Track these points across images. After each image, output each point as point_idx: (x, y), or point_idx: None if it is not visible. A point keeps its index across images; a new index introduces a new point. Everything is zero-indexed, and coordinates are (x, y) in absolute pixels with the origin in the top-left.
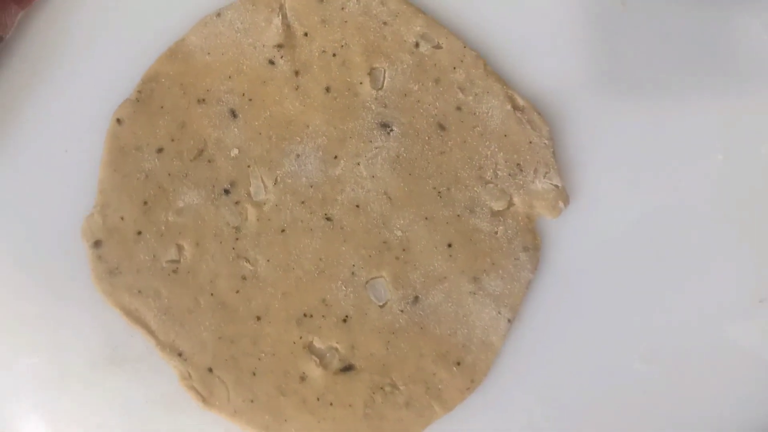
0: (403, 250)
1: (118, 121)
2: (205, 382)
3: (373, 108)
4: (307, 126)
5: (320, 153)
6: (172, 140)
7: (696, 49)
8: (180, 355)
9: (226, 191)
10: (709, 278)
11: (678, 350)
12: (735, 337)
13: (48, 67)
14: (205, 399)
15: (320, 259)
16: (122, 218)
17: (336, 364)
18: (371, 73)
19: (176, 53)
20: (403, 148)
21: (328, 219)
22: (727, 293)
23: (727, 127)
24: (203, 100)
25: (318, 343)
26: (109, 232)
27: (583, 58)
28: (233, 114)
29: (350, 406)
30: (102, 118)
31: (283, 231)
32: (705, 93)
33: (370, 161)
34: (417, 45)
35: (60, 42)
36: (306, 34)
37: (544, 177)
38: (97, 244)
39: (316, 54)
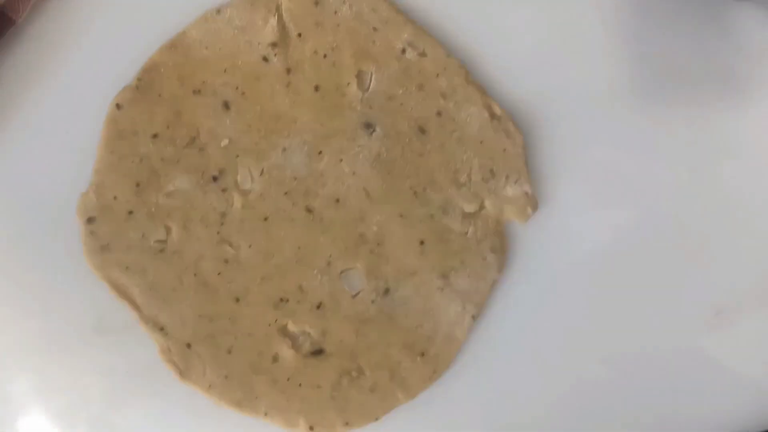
0: (378, 244)
1: (118, 106)
2: (184, 356)
3: (359, 108)
4: (295, 122)
5: (306, 148)
6: (167, 127)
7: (668, 65)
8: (162, 329)
9: (215, 178)
10: (667, 289)
11: (635, 355)
12: (691, 346)
13: (56, 51)
14: (183, 372)
15: (299, 248)
16: (115, 198)
17: (307, 347)
18: (359, 75)
19: (176, 45)
20: (384, 148)
21: (309, 210)
22: (685, 304)
23: (694, 145)
24: (199, 91)
25: (292, 327)
26: (102, 210)
27: (559, 72)
28: (226, 106)
29: (318, 387)
30: (102, 103)
31: (266, 219)
32: (674, 109)
33: (352, 158)
34: (404, 51)
35: (69, 28)
36: (300, 35)
37: (515, 183)
38: (90, 220)
39: (308, 54)
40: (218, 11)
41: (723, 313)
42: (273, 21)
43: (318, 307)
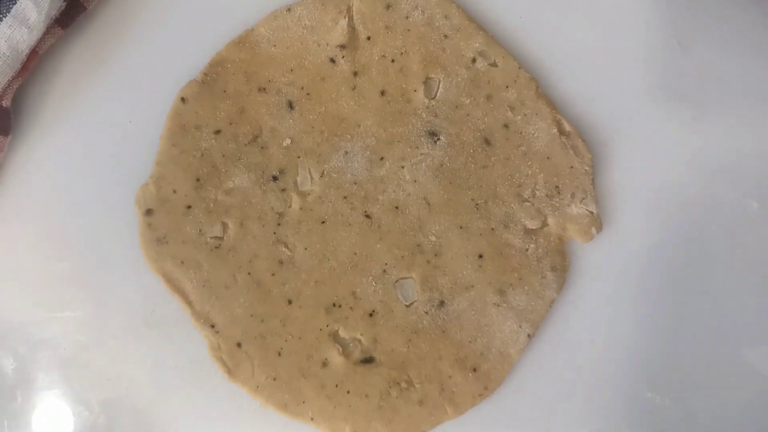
0: (435, 255)
1: (183, 99)
2: (233, 355)
3: (424, 116)
4: (359, 125)
5: (368, 153)
6: (231, 123)
7: (743, 95)
8: (213, 326)
9: (275, 178)
10: (724, 316)
11: (687, 381)
12: (745, 375)
13: (124, 41)
14: (231, 371)
15: (355, 254)
16: (175, 191)
17: (357, 354)
18: (426, 82)
19: (244, 42)
20: (447, 158)
21: (367, 216)
22: (748, 336)
23: (764, 178)
24: (264, 89)
25: (343, 333)
26: (161, 203)
27: (633, 92)
28: (290, 106)
29: (366, 396)
30: (167, 96)
31: (323, 222)
32: (749, 138)
33: (414, 166)
34: (474, 61)
35: (139, 18)
36: (369, 38)
37: (581, 202)
38: (148, 212)
39: (376, 58)
40: (289, 9)
41: None
42: (343, 22)
43: (370, 314)
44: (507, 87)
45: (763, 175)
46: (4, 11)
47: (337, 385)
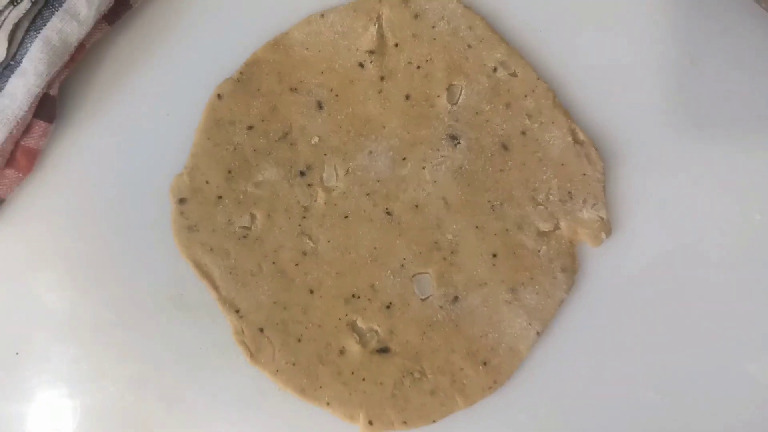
0: (452, 252)
1: (219, 96)
2: (256, 339)
3: (446, 120)
4: (384, 127)
5: (391, 153)
6: (263, 120)
7: (750, 110)
8: (237, 311)
9: (302, 173)
10: (732, 326)
11: (691, 385)
12: (747, 382)
13: (166, 38)
14: (253, 355)
15: (375, 248)
16: (207, 182)
17: (374, 344)
18: (449, 88)
19: (279, 44)
20: (466, 161)
21: (388, 213)
22: (750, 344)
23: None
24: (295, 89)
25: (360, 323)
26: (194, 193)
27: (646, 105)
28: (320, 106)
29: (380, 384)
30: (204, 91)
31: (346, 217)
32: (754, 153)
33: (434, 167)
34: (495, 70)
35: (179, 18)
36: (396, 45)
37: (592, 208)
38: (182, 201)
39: (403, 64)
40: (322, 15)
41: None
42: (373, 29)
43: (387, 306)
44: (525, 96)
45: (766, 189)
46: (57, 5)
47: (353, 373)
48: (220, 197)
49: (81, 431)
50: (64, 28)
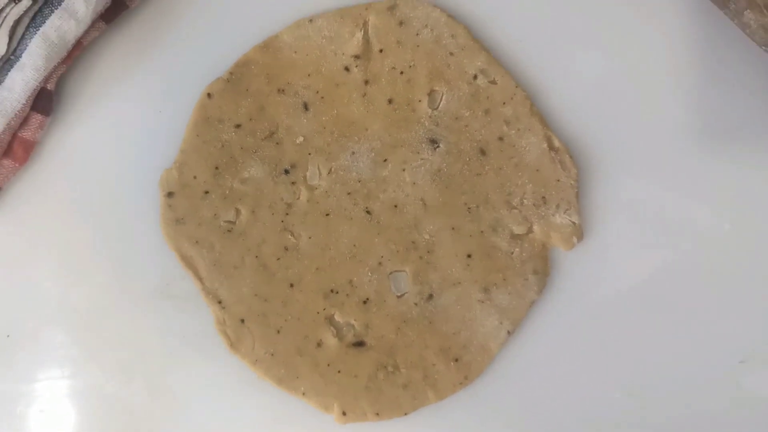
0: (428, 251)
1: (209, 95)
2: (236, 330)
3: (426, 124)
4: (366, 129)
5: (373, 154)
6: (250, 119)
7: (726, 118)
8: (220, 302)
9: (286, 171)
10: (696, 333)
11: (657, 389)
12: (712, 392)
13: (159, 39)
14: (233, 344)
15: (354, 245)
16: (195, 177)
17: (350, 338)
18: (431, 94)
19: (268, 46)
20: (445, 164)
21: (368, 212)
22: (711, 349)
23: (739, 199)
24: (283, 90)
25: (338, 317)
26: (182, 187)
27: (620, 114)
28: (306, 107)
29: (355, 376)
30: (195, 90)
31: (327, 215)
32: (725, 162)
33: (414, 169)
34: (475, 77)
35: (174, 20)
36: (381, 51)
37: (565, 213)
38: (170, 194)
39: (387, 69)
40: (310, 20)
41: (747, 362)
42: (359, 35)
43: (364, 302)
44: (504, 103)
45: (736, 199)
46: (56, 3)
47: (329, 365)
48: (207, 192)
49: (68, 413)
50: (62, 25)
